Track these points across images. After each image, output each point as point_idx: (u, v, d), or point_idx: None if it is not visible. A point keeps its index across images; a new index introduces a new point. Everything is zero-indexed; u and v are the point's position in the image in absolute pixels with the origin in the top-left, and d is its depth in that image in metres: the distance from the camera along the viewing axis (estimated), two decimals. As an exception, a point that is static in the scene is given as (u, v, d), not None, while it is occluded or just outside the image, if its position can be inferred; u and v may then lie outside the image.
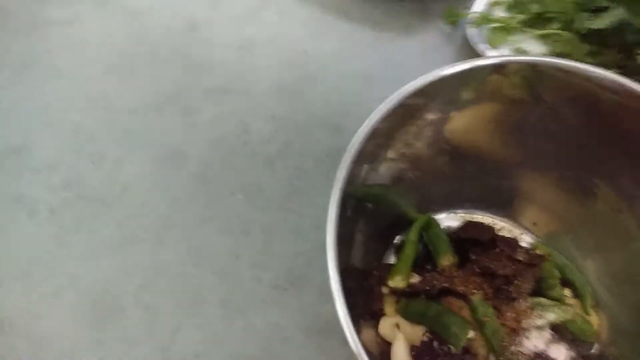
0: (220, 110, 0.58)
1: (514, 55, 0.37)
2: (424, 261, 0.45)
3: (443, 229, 0.45)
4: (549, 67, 0.36)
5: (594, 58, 0.55)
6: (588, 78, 0.36)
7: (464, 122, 0.41)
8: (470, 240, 0.43)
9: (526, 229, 0.48)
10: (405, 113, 0.38)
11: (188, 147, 0.56)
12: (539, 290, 0.42)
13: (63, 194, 0.54)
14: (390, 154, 0.40)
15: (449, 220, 0.49)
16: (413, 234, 0.45)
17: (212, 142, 0.56)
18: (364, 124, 0.38)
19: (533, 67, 0.37)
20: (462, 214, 0.49)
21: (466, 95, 0.39)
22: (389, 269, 0.43)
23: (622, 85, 0.35)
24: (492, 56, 0.39)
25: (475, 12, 0.58)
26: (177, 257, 0.51)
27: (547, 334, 0.39)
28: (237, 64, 0.60)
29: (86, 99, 0.58)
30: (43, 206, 0.53)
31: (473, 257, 0.42)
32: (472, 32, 0.57)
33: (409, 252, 0.44)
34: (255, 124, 0.57)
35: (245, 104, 0.58)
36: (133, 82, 0.59)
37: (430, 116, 0.40)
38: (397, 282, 0.42)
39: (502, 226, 0.48)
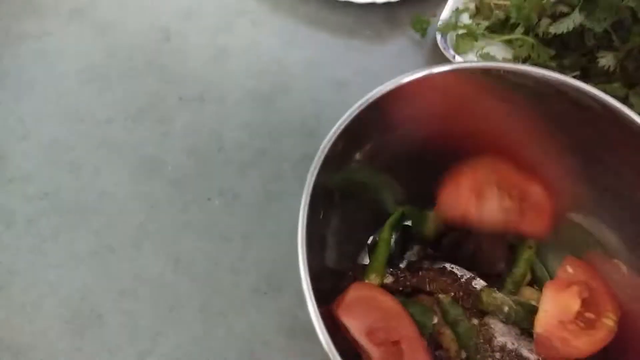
0: (195, 118, 0.59)
1: (467, 62, 0.39)
2: (399, 258, 0.47)
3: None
4: (499, 71, 0.38)
5: (557, 61, 0.58)
6: (537, 80, 0.38)
7: (426, 126, 0.43)
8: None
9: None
10: (372, 116, 0.39)
11: (164, 155, 0.57)
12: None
13: (40, 204, 0.54)
14: (359, 156, 0.42)
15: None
16: (385, 232, 0.46)
17: (187, 149, 0.57)
18: (332, 129, 0.40)
19: (485, 72, 0.39)
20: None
21: (426, 99, 0.41)
22: (364, 269, 0.45)
23: (568, 85, 0.37)
24: (447, 63, 0.40)
25: (442, 20, 0.60)
26: (156, 264, 0.52)
27: (514, 330, 0.41)
28: (211, 73, 0.61)
29: (62, 111, 0.59)
30: (20, 217, 0.54)
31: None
32: (440, 38, 0.58)
33: (382, 250, 0.45)
34: (230, 132, 0.58)
35: (220, 112, 0.59)
36: (108, 93, 0.60)
37: (397, 118, 0.42)
38: (372, 280, 0.43)
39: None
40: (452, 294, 0.41)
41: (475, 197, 0.42)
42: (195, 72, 0.62)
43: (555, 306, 0.39)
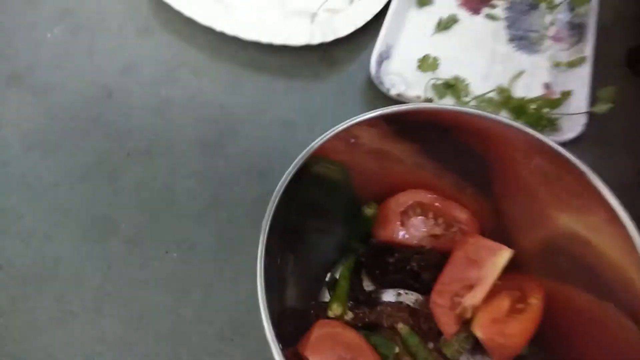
0: (145, 172, 0.59)
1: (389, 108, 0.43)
2: (358, 290, 0.48)
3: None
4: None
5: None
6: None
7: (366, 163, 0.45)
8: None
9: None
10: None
11: (116, 213, 0.57)
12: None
13: (-6, 277, 0.53)
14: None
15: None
16: (345, 271, 0.48)
17: (139, 205, 0.57)
18: (282, 178, 0.41)
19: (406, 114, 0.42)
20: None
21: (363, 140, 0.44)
22: (325, 306, 0.46)
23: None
24: (376, 110, 0.43)
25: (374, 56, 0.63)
26: (119, 325, 0.52)
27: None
28: (156, 125, 0.62)
29: (7, 179, 0.58)
30: (-26, 292, 0.53)
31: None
32: (375, 74, 0.61)
33: (343, 285, 0.47)
34: (181, 182, 0.59)
35: (169, 164, 0.60)
36: (54, 156, 0.60)
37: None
38: (335, 313, 0.45)
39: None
40: (411, 322, 0.43)
41: (400, 223, 0.48)
42: (140, 126, 0.62)
43: (487, 311, 0.42)
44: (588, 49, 0.62)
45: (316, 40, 0.64)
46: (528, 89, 0.62)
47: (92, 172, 0.59)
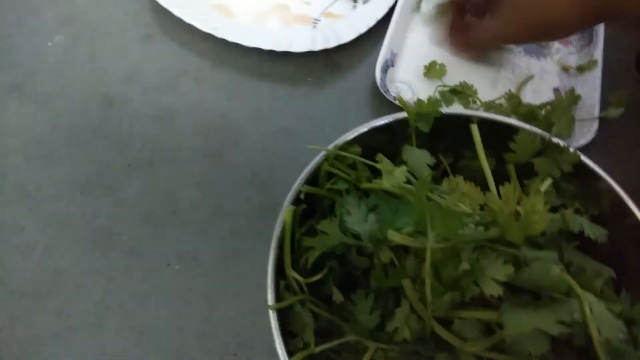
0: (146, 183, 0.58)
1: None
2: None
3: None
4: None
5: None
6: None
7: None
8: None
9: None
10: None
11: (118, 225, 0.56)
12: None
13: (-7, 291, 0.52)
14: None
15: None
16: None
17: (141, 216, 0.56)
18: (290, 191, 0.40)
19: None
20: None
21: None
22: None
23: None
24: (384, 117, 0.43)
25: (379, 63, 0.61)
26: (119, 339, 0.51)
27: None
28: (158, 135, 0.61)
29: (7, 190, 0.57)
30: (-27, 307, 0.52)
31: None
32: (380, 81, 0.60)
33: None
34: (183, 193, 0.58)
35: (171, 174, 0.59)
36: (54, 167, 0.59)
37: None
38: None
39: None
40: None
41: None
42: (142, 135, 0.61)
43: None
44: (598, 52, 0.61)
45: (319, 46, 0.63)
46: (538, 94, 0.61)
47: (92, 183, 0.58)
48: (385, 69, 0.62)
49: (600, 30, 0.63)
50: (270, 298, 0.36)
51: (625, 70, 0.64)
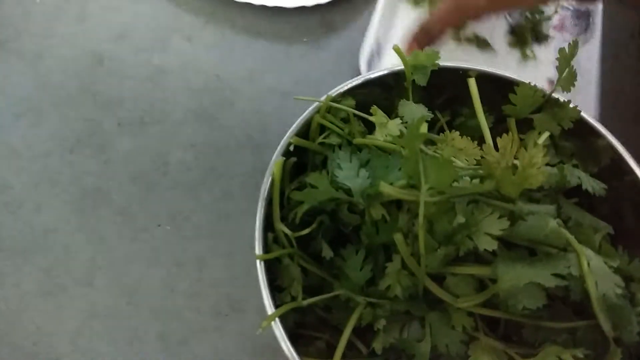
0: (137, 143, 0.57)
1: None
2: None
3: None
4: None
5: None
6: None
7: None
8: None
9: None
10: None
11: (108, 185, 0.55)
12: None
13: (-19, 249, 0.52)
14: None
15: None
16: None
17: (131, 176, 0.55)
18: (281, 143, 0.39)
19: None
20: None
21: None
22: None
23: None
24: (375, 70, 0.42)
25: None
26: (110, 298, 0.50)
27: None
28: (149, 94, 0.60)
29: (-5, 149, 0.56)
30: (-39, 265, 0.51)
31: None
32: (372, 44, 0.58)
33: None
34: (174, 154, 0.56)
35: (162, 134, 0.57)
36: (44, 125, 0.57)
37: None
38: None
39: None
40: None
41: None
42: (132, 94, 0.60)
43: None
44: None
45: (311, 1, 0.61)
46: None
47: (82, 142, 0.57)
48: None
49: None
50: (258, 249, 0.35)
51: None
